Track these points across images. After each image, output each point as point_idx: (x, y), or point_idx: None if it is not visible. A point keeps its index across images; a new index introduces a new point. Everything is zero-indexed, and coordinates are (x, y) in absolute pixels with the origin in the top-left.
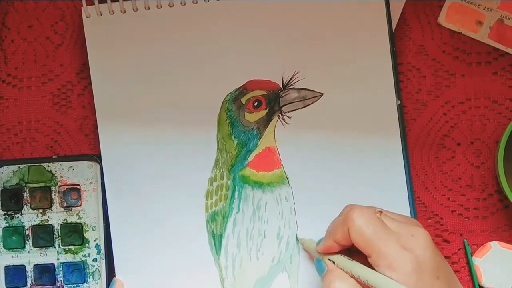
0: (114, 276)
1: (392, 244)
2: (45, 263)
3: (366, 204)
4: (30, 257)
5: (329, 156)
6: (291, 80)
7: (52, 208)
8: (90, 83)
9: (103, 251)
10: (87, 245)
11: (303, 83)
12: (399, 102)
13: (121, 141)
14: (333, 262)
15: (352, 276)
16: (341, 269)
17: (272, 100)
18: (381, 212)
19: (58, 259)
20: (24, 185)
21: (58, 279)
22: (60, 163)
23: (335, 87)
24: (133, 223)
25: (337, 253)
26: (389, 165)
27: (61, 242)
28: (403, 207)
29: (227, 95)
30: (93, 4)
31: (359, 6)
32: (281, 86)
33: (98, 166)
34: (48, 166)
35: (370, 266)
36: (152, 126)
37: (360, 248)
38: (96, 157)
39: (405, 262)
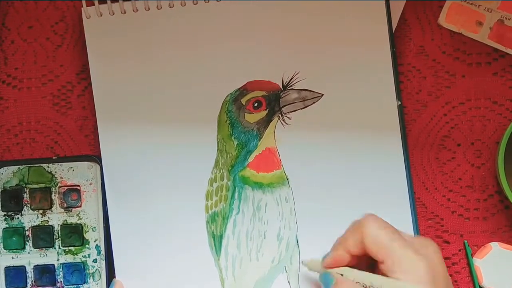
0: (114, 277)
1: (407, 249)
2: (45, 264)
3: (366, 205)
4: (30, 258)
5: (329, 157)
6: (291, 81)
7: (52, 209)
8: (90, 84)
9: (103, 252)
10: (87, 246)
11: (303, 84)
12: (399, 102)
13: (121, 141)
14: (341, 275)
15: (364, 286)
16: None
17: (272, 101)
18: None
19: (58, 260)
20: (24, 186)
21: (58, 280)
22: (60, 163)
23: (335, 87)
24: (133, 223)
25: (344, 266)
26: (390, 165)
27: (61, 243)
28: (404, 208)
29: (227, 95)
30: (93, 4)
31: (359, 6)
32: (281, 87)
33: (98, 166)
34: (48, 167)
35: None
36: (152, 126)
37: (373, 254)
38: (96, 158)
39: (420, 267)
